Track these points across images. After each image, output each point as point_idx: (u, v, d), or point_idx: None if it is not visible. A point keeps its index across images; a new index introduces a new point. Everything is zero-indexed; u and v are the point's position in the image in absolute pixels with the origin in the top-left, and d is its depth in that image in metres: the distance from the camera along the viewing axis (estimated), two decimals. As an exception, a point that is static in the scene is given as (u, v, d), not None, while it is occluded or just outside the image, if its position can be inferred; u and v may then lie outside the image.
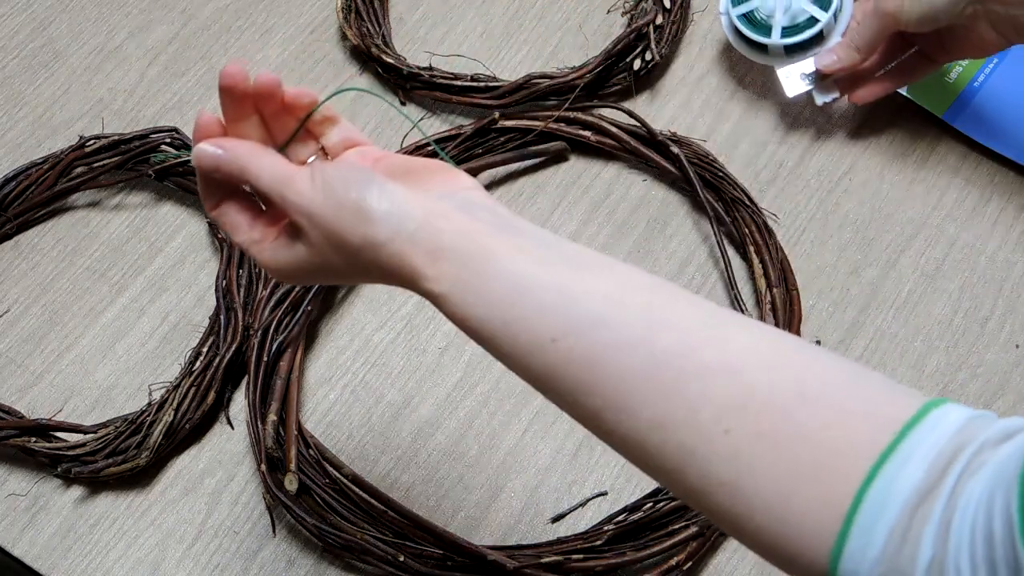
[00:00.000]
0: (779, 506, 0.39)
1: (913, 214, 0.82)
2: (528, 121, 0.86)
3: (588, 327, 0.43)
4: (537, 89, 0.86)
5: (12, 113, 0.92)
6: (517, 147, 0.86)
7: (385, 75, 0.90)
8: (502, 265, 0.46)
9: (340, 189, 0.49)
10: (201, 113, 0.54)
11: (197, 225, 0.86)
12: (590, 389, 0.43)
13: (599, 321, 0.43)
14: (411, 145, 0.85)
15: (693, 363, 0.42)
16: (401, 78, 0.89)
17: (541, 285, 0.45)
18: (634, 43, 0.87)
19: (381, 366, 0.80)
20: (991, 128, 0.83)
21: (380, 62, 0.89)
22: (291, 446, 0.72)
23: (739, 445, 0.40)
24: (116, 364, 0.81)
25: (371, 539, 0.69)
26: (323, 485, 0.72)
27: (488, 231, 0.47)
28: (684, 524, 0.70)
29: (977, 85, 0.84)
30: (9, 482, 0.77)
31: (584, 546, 0.70)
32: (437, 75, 0.88)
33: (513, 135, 0.86)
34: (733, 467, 0.40)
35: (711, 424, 0.40)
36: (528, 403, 0.77)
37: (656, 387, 0.42)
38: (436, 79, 0.88)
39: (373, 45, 0.89)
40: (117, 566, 0.73)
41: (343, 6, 0.92)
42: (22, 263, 0.86)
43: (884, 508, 0.38)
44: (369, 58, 0.90)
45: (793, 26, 0.82)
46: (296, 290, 0.78)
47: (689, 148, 0.83)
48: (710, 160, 0.83)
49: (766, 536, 0.40)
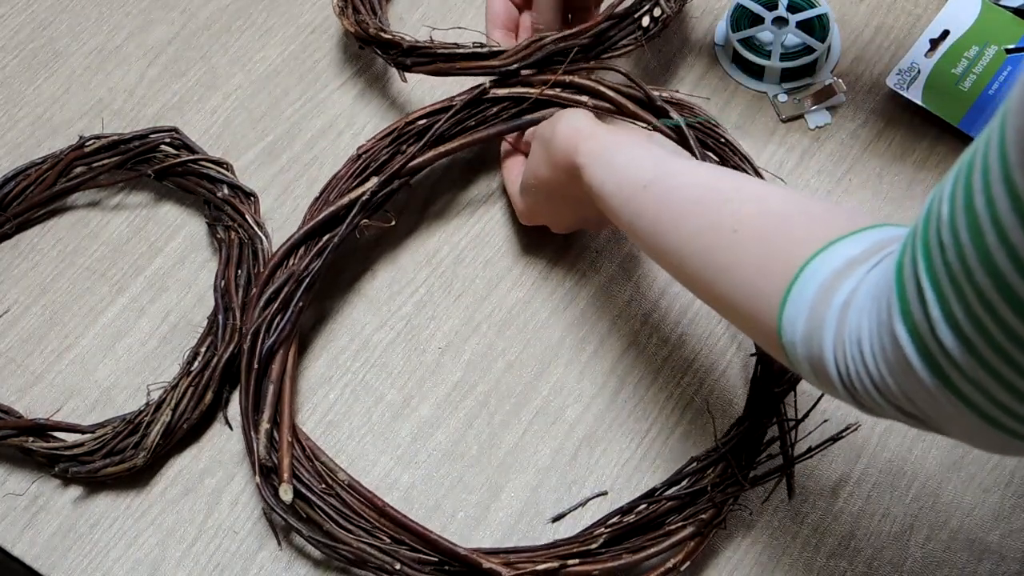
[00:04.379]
0: (751, 283, 0.57)
1: (913, 214, 0.82)
2: (522, 89, 0.80)
3: (666, 176, 0.65)
4: (542, 45, 0.80)
5: (12, 113, 0.92)
6: (512, 117, 0.81)
7: (385, 55, 0.85)
8: (623, 149, 0.69)
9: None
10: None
11: (197, 225, 0.86)
12: (662, 217, 0.63)
13: (676, 173, 0.66)
14: (399, 121, 0.82)
15: (727, 195, 0.62)
16: (402, 54, 0.83)
17: (642, 157, 0.68)
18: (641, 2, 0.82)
19: (381, 366, 0.80)
20: None
21: (378, 41, 0.84)
22: (285, 455, 0.72)
23: (740, 240, 0.58)
24: (116, 364, 0.81)
25: (367, 548, 0.69)
26: (319, 491, 0.71)
27: (622, 136, 0.72)
28: (681, 524, 0.69)
29: (992, 93, 0.84)
30: (9, 482, 0.77)
31: (580, 550, 0.69)
32: (438, 46, 0.83)
33: (507, 104, 0.81)
34: (733, 254, 0.58)
35: (728, 228, 0.59)
36: (528, 403, 0.77)
37: (703, 208, 0.62)
38: (437, 50, 0.82)
39: (371, 27, 0.85)
40: (117, 566, 0.73)
41: (338, 3, 0.88)
42: (22, 263, 0.86)
43: (806, 290, 0.53)
44: (367, 40, 0.85)
45: (790, 54, 0.87)
46: (288, 286, 0.76)
47: (690, 110, 0.79)
48: (711, 125, 0.78)
49: (743, 307, 0.57)
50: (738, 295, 0.58)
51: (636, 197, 0.65)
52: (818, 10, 0.88)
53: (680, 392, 0.77)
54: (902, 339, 0.46)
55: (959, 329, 0.44)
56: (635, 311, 0.80)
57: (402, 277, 0.83)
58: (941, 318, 0.44)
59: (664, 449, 0.75)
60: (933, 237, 0.45)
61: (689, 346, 0.79)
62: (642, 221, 0.65)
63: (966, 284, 0.43)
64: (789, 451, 0.72)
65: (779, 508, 0.73)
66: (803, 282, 0.53)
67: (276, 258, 0.78)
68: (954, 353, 0.44)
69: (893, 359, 0.48)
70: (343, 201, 0.79)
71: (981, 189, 0.41)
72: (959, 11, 0.88)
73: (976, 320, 0.43)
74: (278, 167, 0.88)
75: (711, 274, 0.60)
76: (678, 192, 0.64)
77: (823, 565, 0.71)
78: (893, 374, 0.48)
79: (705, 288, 0.62)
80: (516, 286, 0.82)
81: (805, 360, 0.54)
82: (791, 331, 0.54)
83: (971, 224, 0.42)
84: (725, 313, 0.62)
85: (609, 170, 0.68)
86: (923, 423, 0.50)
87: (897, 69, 0.86)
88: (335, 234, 0.78)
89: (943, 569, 0.70)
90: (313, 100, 0.91)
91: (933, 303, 0.44)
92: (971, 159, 0.43)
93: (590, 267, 0.82)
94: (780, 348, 0.56)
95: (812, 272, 0.53)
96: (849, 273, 0.52)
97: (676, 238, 0.62)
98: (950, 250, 0.43)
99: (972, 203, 0.42)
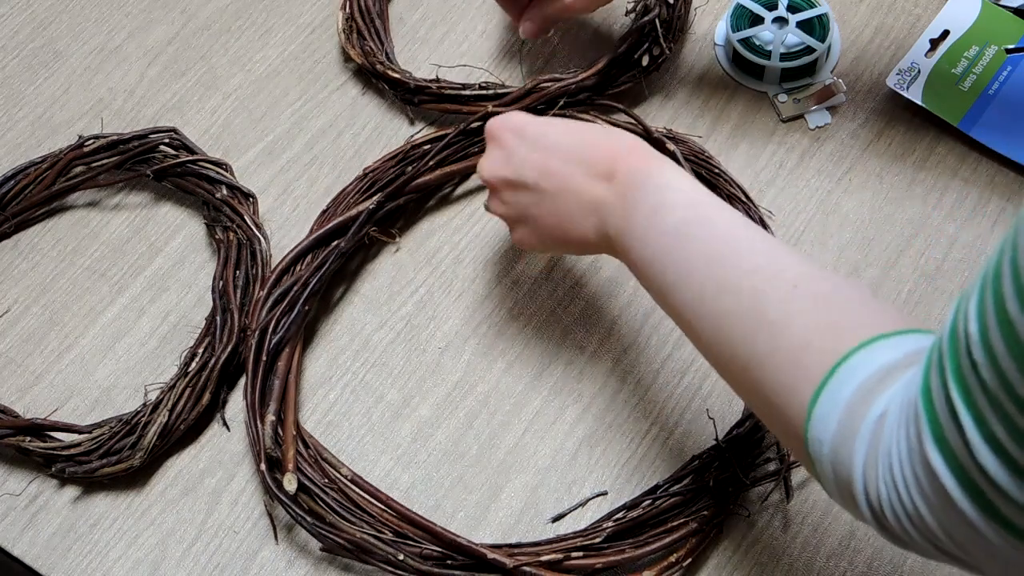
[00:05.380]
0: (792, 358, 0.52)
1: (913, 214, 0.82)
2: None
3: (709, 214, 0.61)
4: (546, 93, 0.84)
5: (12, 113, 0.92)
6: None
7: (392, 91, 0.88)
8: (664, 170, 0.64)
9: None
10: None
11: (197, 225, 0.86)
12: (695, 270, 0.58)
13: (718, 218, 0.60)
14: (405, 145, 0.84)
15: (783, 258, 0.57)
16: (408, 92, 0.87)
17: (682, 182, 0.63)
18: (640, 40, 0.86)
19: (381, 366, 0.80)
20: (1007, 135, 0.83)
21: (386, 78, 0.88)
22: (289, 446, 0.72)
23: (798, 301, 0.53)
24: (116, 364, 0.81)
25: (370, 538, 0.69)
26: (322, 485, 0.72)
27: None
28: (684, 520, 0.70)
29: (992, 93, 0.84)
30: (9, 482, 0.77)
31: (584, 543, 0.69)
32: (445, 86, 0.86)
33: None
34: (783, 308, 0.53)
35: (787, 283, 0.54)
36: (528, 403, 0.77)
37: (757, 261, 0.56)
38: (444, 91, 0.86)
39: (378, 62, 0.88)
40: (117, 566, 0.73)
41: (344, 27, 0.91)
42: (22, 263, 0.86)
43: (843, 388, 0.48)
44: (375, 75, 0.88)
45: (790, 54, 0.87)
46: (294, 289, 0.78)
47: (685, 145, 0.83)
48: (705, 157, 0.82)
49: (772, 383, 0.52)
50: (773, 363, 0.52)
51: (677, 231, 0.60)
52: (818, 10, 0.88)
53: (680, 392, 0.77)
54: (938, 468, 0.43)
55: (1003, 450, 0.40)
56: (635, 311, 0.80)
57: (402, 277, 0.83)
58: (980, 441, 0.41)
59: (664, 449, 0.75)
60: (963, 356, 0.41)
61: (689, 346, 0.78)
62: (698, 232, 0.59)
63: (1007, 400, 0.40)
64: (787, 454, 0.72)
65: (779, 508, 0.73)
66: (841, 377, 0.49)
67: (284, 263, 0.79)
68: (998, 478, 0.41)
69: (929, 490, 0.44)
70: (351, 213, 0.81)
71: (1014, 295, 0.39)
72: (959, 11, 0.88)
73: (1022, 437, 0.40)
74: (278, 167, 0.88)
75: (752, 324, 0.54)
76: (746, 229, 0.58)
77: (823, 565, 0.71)
78: (929, 506, 0.44)
79: (737, 337, 0.55)
80: (516, 286, 0.82)
81: (830, 465, 0.49)
82: (821, 429, 0.49)
83: (1007, 335, 0.39)
84: (742, 374, 0.55)
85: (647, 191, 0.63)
86: (961, 562, 0.46)
87: (897, 69, 0.86)
88: (343, 241, 0.80)
89: (943, 569, 0.70)
90: (313, 100, 0.91)
91: (970, 426, 0.41)
92: (997, 266, 0.40)
93: (590, 267, 0.82)
94: (803, 445, 0.51)
95: (852, 368, 0.48)
96: (888, 381, 0.47)
97: (731, 269, 0.56)
98: (984, 367, 0.40)
99: (1005, 312, 0.39)
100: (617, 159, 0.64)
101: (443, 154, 0.83)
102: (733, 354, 0.55)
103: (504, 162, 0.69)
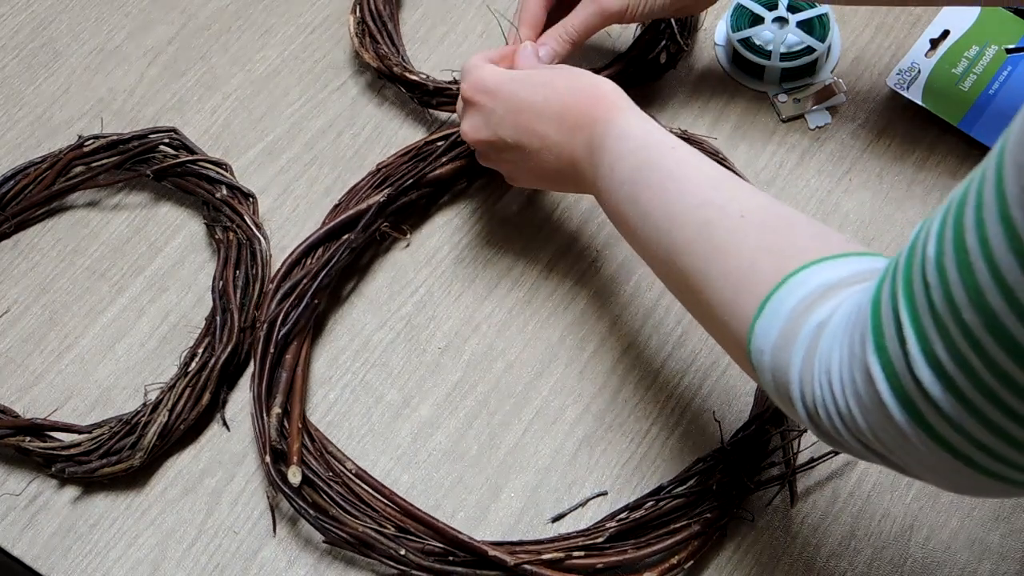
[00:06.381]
0: (739, 275, 0.55)
1: (913, 214, 0.82)
2: None
3: (689, 152, 0.65)
4: None
5: (12, 113, 0.92)
6: None
7: (409, 94, 0.88)
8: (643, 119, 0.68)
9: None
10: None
11: (197, 225, 0.86)
12: (673, 179, 0.62)
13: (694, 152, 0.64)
14: (414, 144, 0.84)
15: (743, 185, 0.61)
16: (427, 94, 0.87)
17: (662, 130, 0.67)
18: (656, 38, 0.86)
19: (381, 366, 0.80)
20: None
21: (404, 81, 0.87)
22: (295, 439, 0.72)
23: (744, 225, 0.57)
24: (116, 364, 0.81)
25: (373, 532, 0.69)
26: (326, 479, 0.72)
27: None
28: (686, 523, 0.69)
29: (992, 93, 0.84)
30: (9, 482, 0.77)
31: (586, 543, 0.69)
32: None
33: None
34: (732, 237, 0.57)
35: (735, 213, 0.58)
36: (528, 403, 0.77)
37: (718, 184, 0.61)
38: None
39: (395, 65, 0.88)
40: (117, 566, 0.73)
41: (356, 31, 0.90)
42: (22, 263, 0.86)
43: (786, 301, 0.52)
44: (392, 78, 0.88)
45: (790, 54, 0.87)
46: (303, 282, 0.78)
47: (700, 147, 0.82)
48: (721, 158, 0.82)
49: (722, 299, 0.56)
50: (721, 285, 0.56)
51: (657, 155, 0.64)
52: (818, 10, 0.88)
53: (680, 392, 0.77)
54: (876, 375, 0.45)
55: (940, 367, 0.43)
56: (635, 311, 0.80)
57: (402, 277, 0.83)
58: (920, 356, 0.43)
59: (664, 449, 0.75)
60: (917, 274, 0.44)
61: (689, 346, 0.78)
62: (649, 176, 0.63)
63: (951, 322, 0.42)
64: (792, 459, 0.72)
65: (780, 508, 0.73)
66: (785, 292, 0.52)
67: (295, 255, 0.79)
68: (932, 391, 0.43)
69: (864, 394, 0.47)
70: (362, 206, 0.81)
71: (974, 226, 0.40)
72: (959, 11, 0.88)
73: (960, 359, 0.42)
74: (278, 167, 0.88)
75: (701, 252, 0.58)
76: (695, 166, 0.62)
77: (823, 565, 0.71)
78: (862, 409, 0.47)
79: (689, 266, 0.59)
80: (516, 286, 0.82)
81: (769, 372, 0.52)
82: (763, 339, 0.52)
83: (961, 262, 0.41)
84: (695, 299, 0.60)
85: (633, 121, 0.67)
86: (886, 460, 0.49)
87: (897, 69, 0.86)
88: (353, 234, 0.80)
89: (943, 569, 0.70)
90: (313, 100, 0.91)
91: (912, 340, 0.43)
92: (963, 195, 0.42)
93: (590, 267, 0.82)
94: (747, 356, 0.54)
95: (797, 283, 0.52)
96: (830, 295, 0.51)
97: (680, 205, 0.60)
98: (935, 288, 0.42)
99: (963, 240, 0.41)
100: (584, 111, 0.69)
101: (456, 150, 0.83)
102: (688, 283, 0.59)
103: (483, 124, 0.73)
